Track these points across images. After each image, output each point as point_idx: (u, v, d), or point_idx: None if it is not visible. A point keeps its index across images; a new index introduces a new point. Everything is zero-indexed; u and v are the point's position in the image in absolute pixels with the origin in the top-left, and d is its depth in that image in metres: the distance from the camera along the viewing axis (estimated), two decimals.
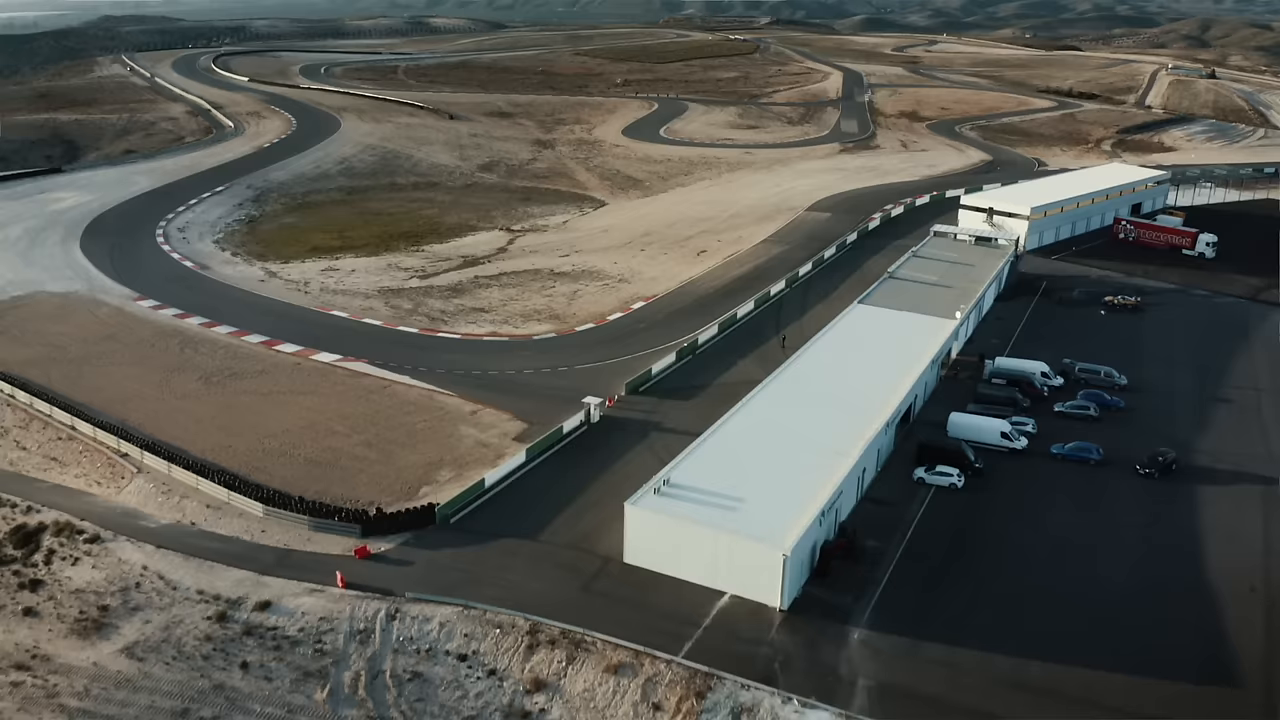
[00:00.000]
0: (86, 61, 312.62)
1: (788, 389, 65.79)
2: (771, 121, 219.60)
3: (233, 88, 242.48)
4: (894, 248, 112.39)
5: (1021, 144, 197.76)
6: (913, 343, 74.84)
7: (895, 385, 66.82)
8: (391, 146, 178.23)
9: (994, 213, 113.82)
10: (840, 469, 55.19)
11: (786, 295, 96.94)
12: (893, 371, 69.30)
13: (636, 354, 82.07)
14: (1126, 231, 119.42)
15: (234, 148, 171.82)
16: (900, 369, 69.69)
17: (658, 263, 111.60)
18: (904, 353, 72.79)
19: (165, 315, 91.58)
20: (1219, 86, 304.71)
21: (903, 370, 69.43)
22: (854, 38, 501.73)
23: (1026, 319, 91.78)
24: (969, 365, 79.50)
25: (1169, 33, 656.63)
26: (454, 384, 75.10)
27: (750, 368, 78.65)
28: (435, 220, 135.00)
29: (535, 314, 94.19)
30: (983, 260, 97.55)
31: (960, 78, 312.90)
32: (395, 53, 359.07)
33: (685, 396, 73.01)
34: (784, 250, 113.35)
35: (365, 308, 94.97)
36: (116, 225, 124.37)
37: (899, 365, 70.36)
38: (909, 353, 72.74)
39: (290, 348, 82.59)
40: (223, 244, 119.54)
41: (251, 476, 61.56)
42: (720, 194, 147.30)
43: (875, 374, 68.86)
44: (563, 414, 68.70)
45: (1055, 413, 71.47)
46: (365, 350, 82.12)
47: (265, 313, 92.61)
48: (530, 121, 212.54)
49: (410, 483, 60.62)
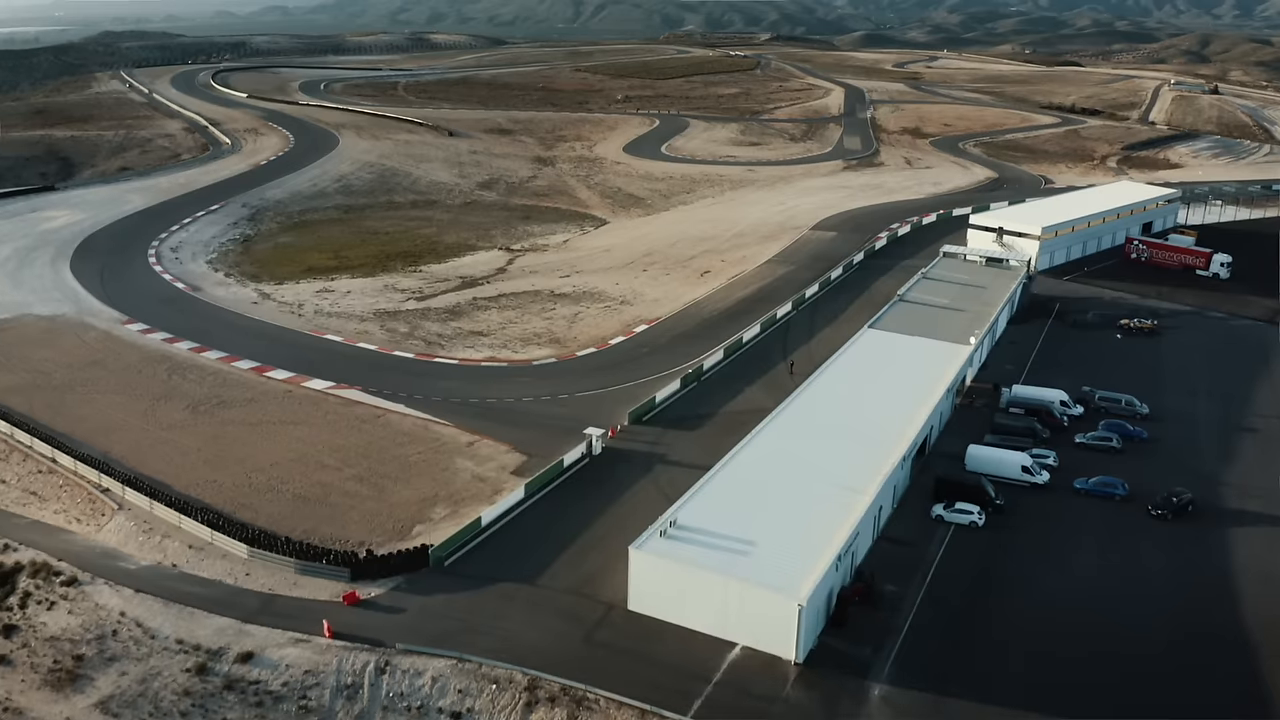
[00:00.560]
0: (85, 77, 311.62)
1: (798, 420, 63.05)
2: (774, 138, 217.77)
3: (231, 104, 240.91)
4: (902, 268, 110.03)
5: (1026, 161, 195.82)
6: (926, 370, 72.15)
7: (911, 416, 64.08)
8: (390, 164, 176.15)
9: (1004, 233, 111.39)
10: (856, 508, 52.36)
11: (793, 318, 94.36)
12: (907, 401, 66.56)
13: (639, 380, 79.37)
14: (1139, 251, 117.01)
15: (230, 165, 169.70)
16: (915, 398, 66.96)
17: (660, 284, 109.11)
18: (918, 380, 70.09)
19: (154, 340, 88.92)
20: (1222, 102, 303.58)
21: (918, 400, 66.70)
22: (854, 54, 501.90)
23: (1041, 343, 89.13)
24: (984, 393, 76.77)
25: (1168, 48, 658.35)
26: (450, 413, 72.34)
27: (758, 395, 75.97)
28: (433, 239, 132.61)
29: (535, 338, 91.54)
30: (994, 282, 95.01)
31: (962, 94, 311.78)
32: (395, 69, 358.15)
33: (691, 426, 70.25)
34: (789, 271, 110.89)
35: (360, 331, 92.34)
36: (108, 245, 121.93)
37: (913, 394, 67.63)
38: (923, 381, 70.04)
39: (281, 374, 79.88)
40: (216, 264, 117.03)
41: (237, 514, 58.72)
42: (723, 212, 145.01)
43: (889, 403, 66.13)
44: (563, 445, 65.95)
45: (1076, 444, 68.70)
46: (359, 377, 79.42)
47: (257, 337, 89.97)
48: (530, 138, 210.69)
49: (403, 521, 57.77)
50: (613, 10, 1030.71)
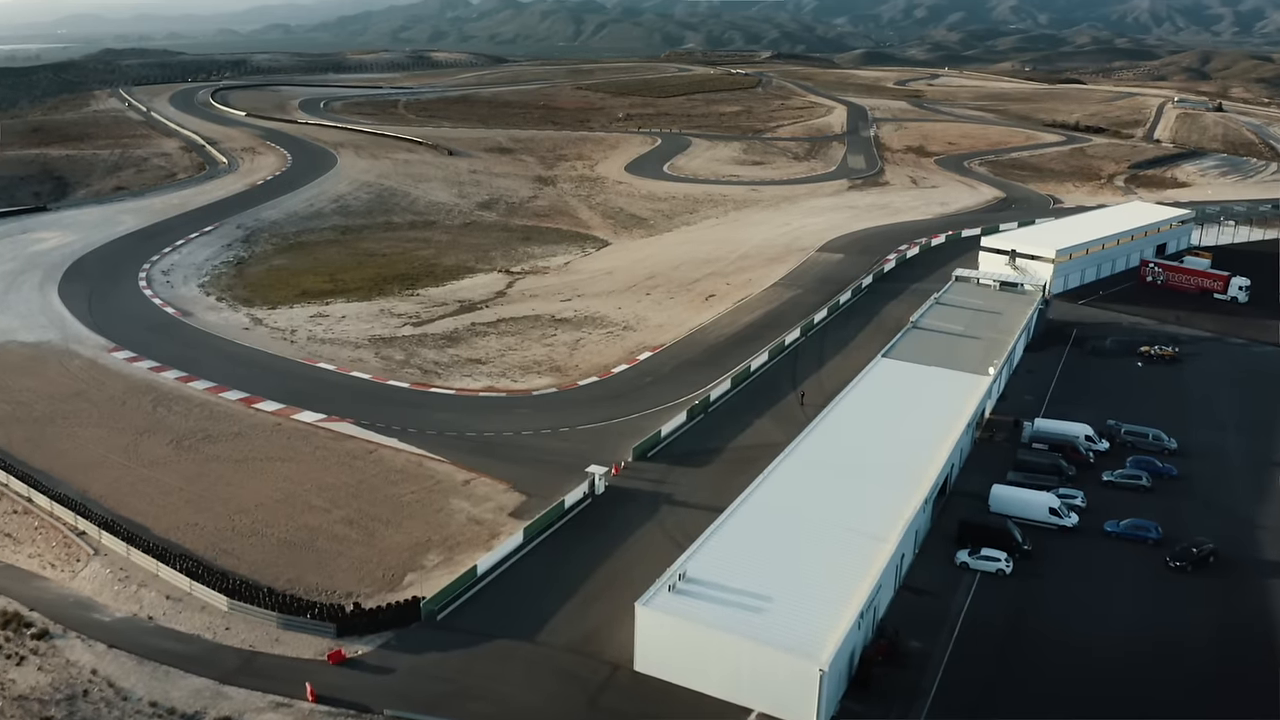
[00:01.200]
0: (83, 95, 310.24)
1: (812, 459, 59.77)
2: (777, 157, 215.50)
3: (229, 122, 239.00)
4: (912, 292, 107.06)
5: (1033, 180, 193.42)
6: (945, 402, 68.95)
7: (931, 454, 60.82)
8: (388, 184, 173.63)
9: (1017, 255, 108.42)
10: (878, 558, 49.02)
11: (802, 345, 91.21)
12: (926, 437, 63.33)
13: (643, 412, 76.18)
14: (1154, 274, 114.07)
15: (226, 185, 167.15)
16: (934, 434, 63.72)
17: (664, 308, 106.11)
18: (936, 414, 66.87)
19: (140, 368, 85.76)
20: (1227, 120, 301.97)
21: (937, 435, 63.46)
22: (855, 71, 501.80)
23: (1060, 372, 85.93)
24: (1004, 426, 73.49)
25: (1169, 65, 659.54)
26: (446, 448, 69.09)
27: (767, 428, 72.76)
28: (431, 261, 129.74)
29: (535, 366, 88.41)
30: (1010, 307, 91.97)
31: (965, 111, 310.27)
32: (396, 87, 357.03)
33: (698, 463, 66.97)
34: (796, 294, 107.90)
35: (354, 359, 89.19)
36: (98, 268, 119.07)
37: (932, 429, 64.40)
38: (942, 414, 66.81)
39: (270, 406, 76.66)
40: (208, 288, 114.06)
41: (217, 561, 55.36)
42: (727, 233, 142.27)
43: (907, 440, 62.89)
44: (564, 484, 62.68)
45: (1104, 482, 65.40)
46: (351, 408, 76.21)
47: (247, 365, 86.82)
48: (531, 157, 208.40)
49: (394, 568, 54.38)
50: (613, 29, 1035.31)
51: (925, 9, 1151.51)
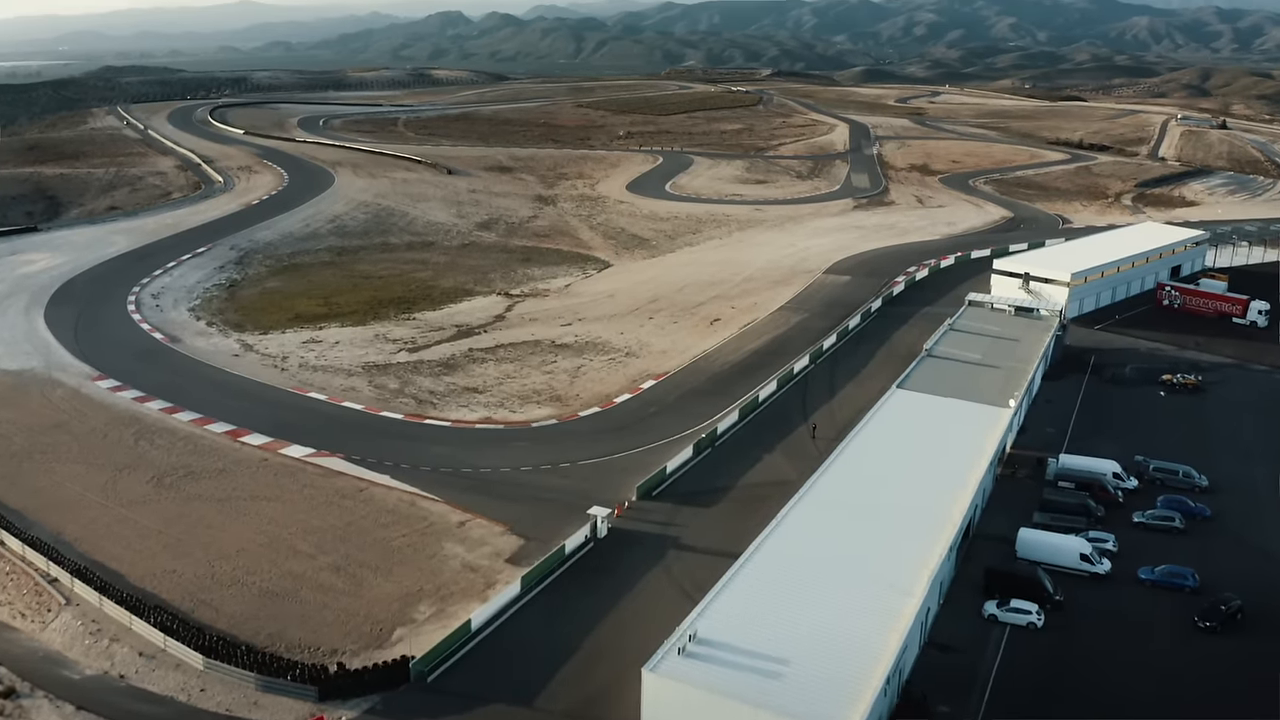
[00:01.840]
0: (81, 113, 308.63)
1: (828, 500, 56.38)
2: (780, 175, 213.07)
3: (226, 141, 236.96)
4: (923, 316, 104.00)
5: (1039, 199, 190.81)
6: (965, 437, 65.66)
7: (953, 494, 57.47)
8: (386, 203, 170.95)
9: (1030, 279, 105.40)
10: (903, 614, 45.56)
11: (812, 373, 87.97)
12: (948, 475, 59.98)
13: (647, 445, 72.88)
14: (1171, 298, 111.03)
15: (221, 205, 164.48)
16: (956, 472, 60.37)
17: (667, 333, 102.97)
18: (957, 450, 63.58)
19: (124, 398, 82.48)
20: (1232, 137, 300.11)
21: (959, 474, 60.10)
22: (856, 89, 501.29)
23: (1080, 402, 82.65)
24: (1027, 462, 70.11)
25: (1169, 82, 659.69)
26: (440, 485, 65.74)
27: (778, 463, 69.45)
28: (429, 284, 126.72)
29: (534, 395, 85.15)
30: (1026, 334, 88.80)
31: (967, 129, 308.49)
32: (396, 105, 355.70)
33: (706, 502, 63.59)
34: (804, 319, 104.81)
35: (346, 388, 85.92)
36: (86, 291, 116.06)
37: (953, 467, 61.06)
38: (963, 450, 63.52)
39: (257, 439, 73.34)
40: (198, 312, 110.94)
41: (195, 613, 51.88)
42: (731, 254, 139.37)
43: (927, 479, 59.56)
44: (564, 525, 59.33)
45: (1134, 524, 62.02)
46: (342, 442, 72.89)
47: (235, 395, 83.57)
48: (531, 176, 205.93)
49: (382, 622, 50.87)
50: (614, 46, 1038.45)
51: (924, 27, 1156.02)
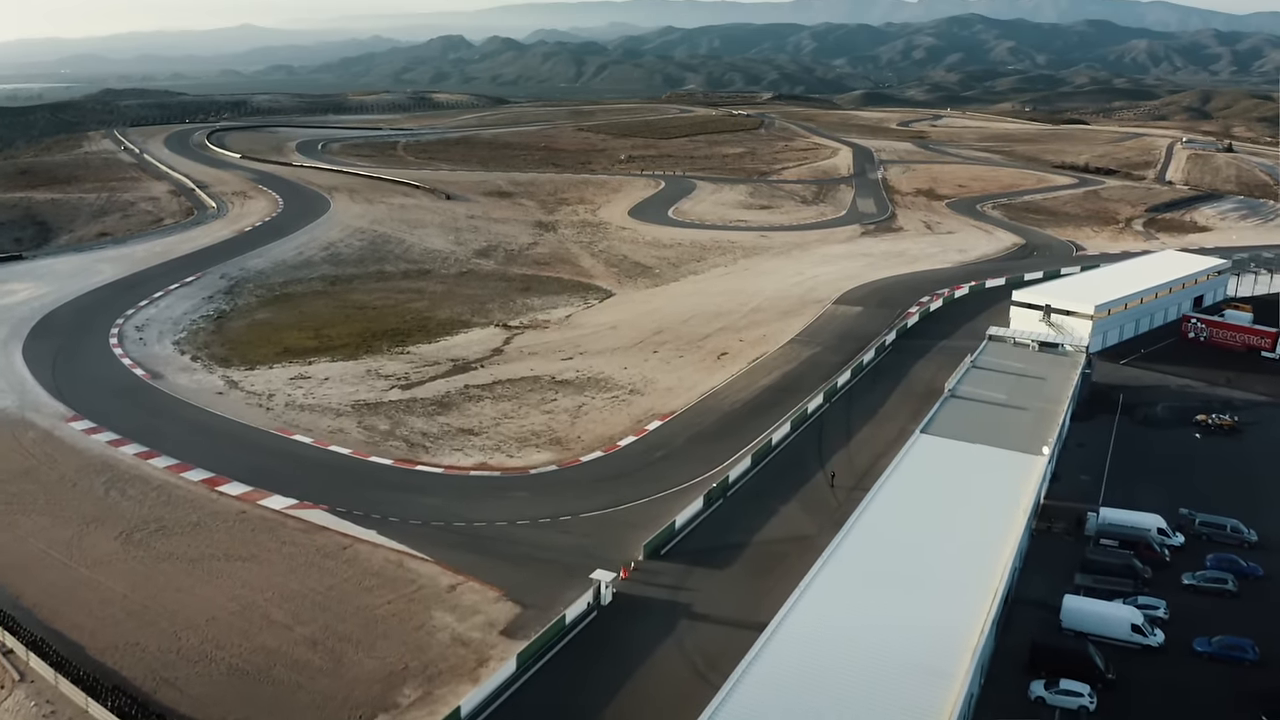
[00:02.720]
0: (77, 136, 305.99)
1: (853, 568, 51.45)
2: (785, 200, 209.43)
3: (222, 165, 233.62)
4: (940, 350, 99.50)
5: (1049, 224, 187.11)
6: (997, 489, 60.86)
7: (990, 556, 52.58)
8: (382, 230, 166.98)
9: (1051, 311, 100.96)
10: (944, 703, 40.58)
11: (826, 413, 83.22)
12: (982, 534, 55.14)
13: (654, 495, 68.06)
14: (1197, 331, 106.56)
15: (213, 231, 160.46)
16: (990, 530, 55.52)
17: (673, 368, 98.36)
18: (989, 505, 58.77)
19: (98, 442, 77.67)
20: (1239, 160, 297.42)
21: (994, 532, 55.25)
22: (858, 112, 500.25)
23: (1113, 446, 77.84)
24: (1062, 514, 65.23)
25: (1169, 104, 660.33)
26: (431, 542, 60.83)
27: (796, 516, 64.58)
28: (424, 315, 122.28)
29: (533, 437, 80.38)
30: (1053, 372, 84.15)
31: (972, 153, 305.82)
32: (396, 128, 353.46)
33: (719, 562, 58.65)
34: (815, 353, 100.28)
35: (334, 430, 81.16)
36: (68, 323, 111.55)
37: (987, 524, 56.23)
38: (996, 505, 58.69)
39: (236, 489, 68.49)
40: (183, 346, 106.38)
41: (157, 694, 46.80)
42: (738, 283, 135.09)
43: (960, 539, 54.72)
44: (565, 590, 54.42)
45: (1184, 586, 57.10)
46: (326, 492, 68.04)
47: (215, 438, 78.81)
48: (531, 201, 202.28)
49: (362, 707, 45.75)
50: (614, 70, 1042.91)
51: (923, 50, 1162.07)
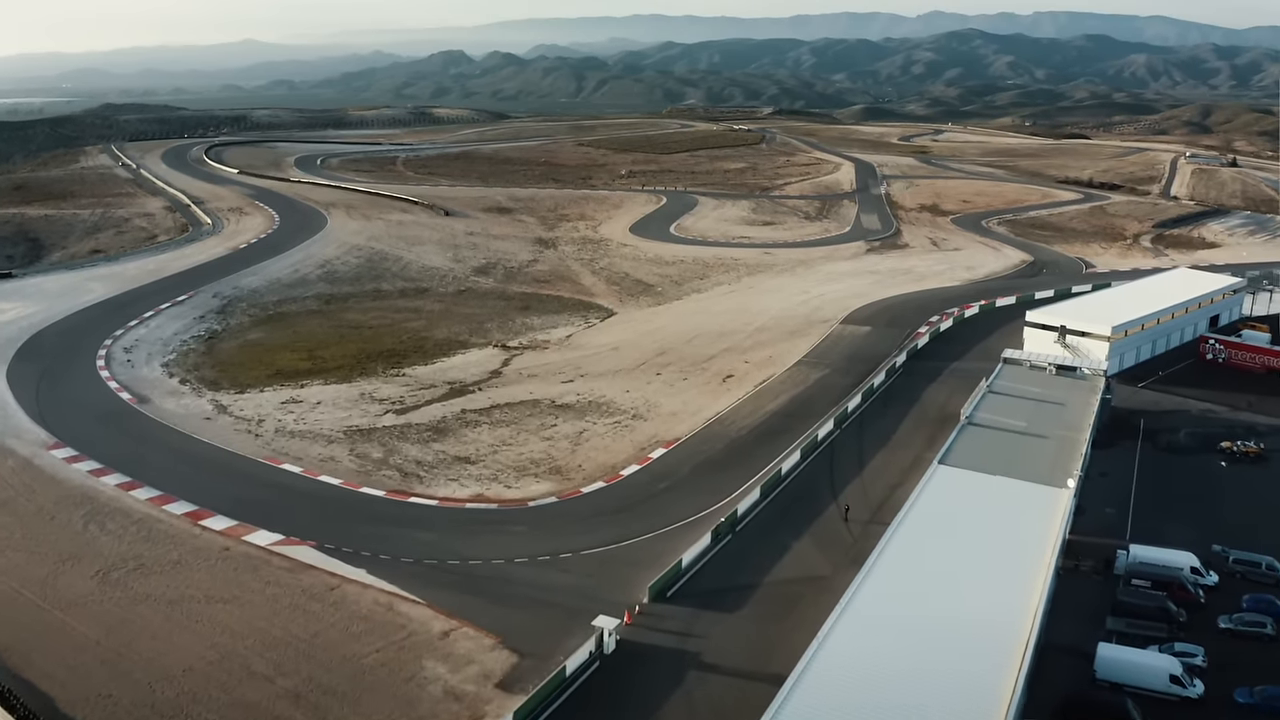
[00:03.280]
0: (74, 151, 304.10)
1: (874, 614, 48.16)
2: (787, 216, 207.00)
3: (219, 181, 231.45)
4: (952, 373, 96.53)
5: (1056, 240, 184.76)
6: (1022, 525, 57.72)
7: (1018, 600, 49.35)
8: (380, 247, 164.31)
9: (1067, 332, 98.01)
10: None
11: (837, 440, 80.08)
12: (1008, 575, 51.96)
13: (659, 530, 64.86)
14: (1215, 352, 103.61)
15: (207, 249, 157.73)
16: (1017, 571, 52.32)
17: (677, 391, 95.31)
18: (1015, 543, 55.61)
19: (79, 471, 74.42)
20: (1244, 175, 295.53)
21: (1021, 573, 52.04)
22: (859, 127, 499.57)
23: (1136, 475, 74.67)
24: (1089, 550, 61.99)
25: (1169, 119, 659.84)
26: (423, 582, 57.57)
27: (809, 553, 61.35)
28: (421, 335, 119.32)
29: (532, 465, 77.23)
30: (1072, 397, 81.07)
31: (975, 168, 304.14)
32: (395, 143, 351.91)
33: (729, 605, 55.34)
34: (824, 375, 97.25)
35: (324, 458, 77.98)
36: (55, 345, 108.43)
37: (1014, 564, 53.03)
38: (1021, 543, 55.52)
39: (220, 523, 65.24)
40: (172, 368, 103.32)
41: None
42: (742, 302, 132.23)
43: (985, 581, 51.53)
44: (565, 636, 51.14)
45: (1220, 629, 53.87)
46: (314, 526, 64.82)
47: (201, 467, 75.63)
48: (531, 218, 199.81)
49: None
50: (615, 85, 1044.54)
51: (922, 65, 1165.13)
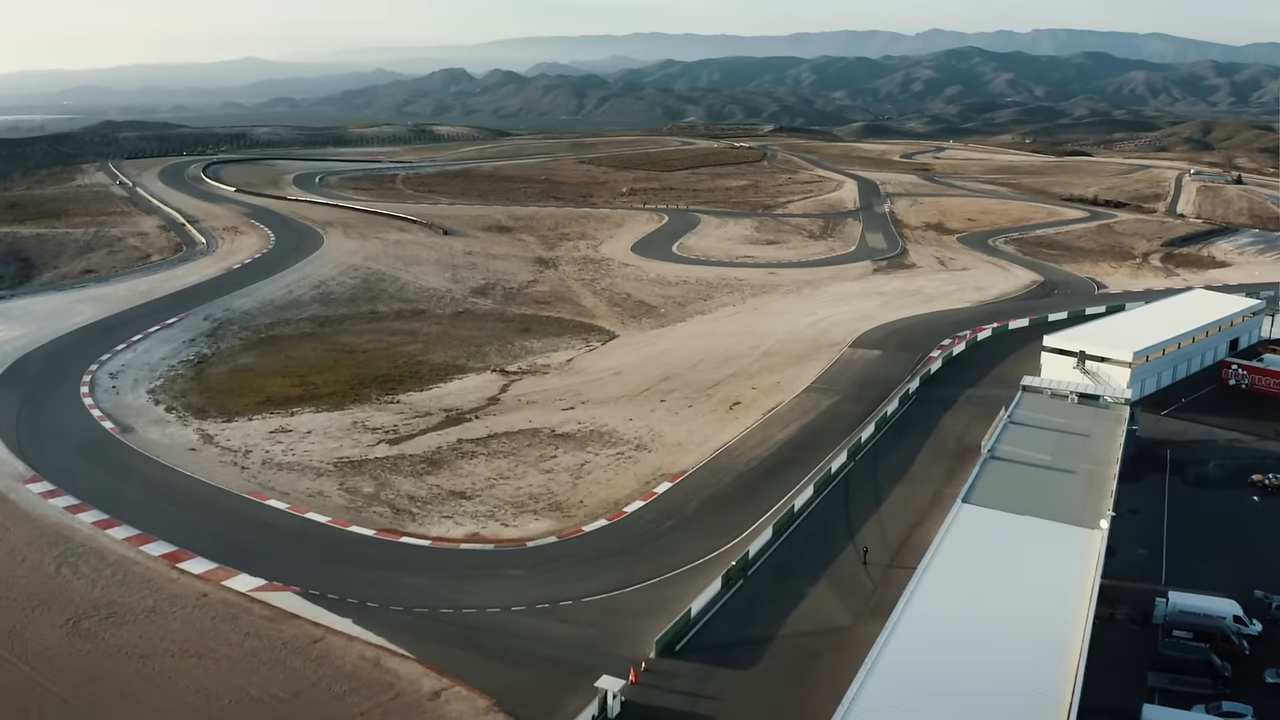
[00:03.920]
0: (71, 169, 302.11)
1: (903, 678, 44.29)
2: (791, 235, 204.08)
3: (215, 199, 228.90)
4: (968, 400, 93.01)
5: (1065, 260, 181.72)
6: (1054, 571, 53.87)
7: (1055, 657, 45.49)
8: (376, 267, 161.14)
9: (1086, 358, 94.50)
10: None
11: (852, 474, 76.33)
12: (1042, 628, 48.08)
13: (666, 574, 61.02)
14: (1238, 377, 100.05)
15: (199, 269, 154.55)
16: (1052, 623, 48.43)
17: (682, 419, 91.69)
18: (1049, 592, 51.69)
19: (55, 507, 70.66)
20: (1250, 193, 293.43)
21: (1057, 626, 48.13)
22: (860, 144, 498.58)
23: (1167, 512, 70.92)
24: (1124, 596, 58.14)
25: (1170, 136, 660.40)
26: (413, 634, 53.67)
27: (827, 601, 57.48)
28: (417, 359, 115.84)
29: (531, 501, 73.49)
30: (1096, 427, 77.30)
31: (978, 185, 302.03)
32: (395, 161, 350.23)
33: (743, 662, 51.40)
34: (834, 403, 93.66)
35: (312, 493, 74.24)
36: (40, 370, 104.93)
37: (1049, 616, 49.12)
38: (1055, 590, 51.63)
39: (200, 565, 61.44)
40: (158, 395, 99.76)
41: None
42: (747, 324, 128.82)
43: (1021, 634, 47.68)
44: (565, 696, 47.31)
45: (1267, 684, 50.02)
46: (299, 568, 61.01)
47: (182, 503, 71.85)
48: (531, 237, 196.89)
49: None
50: (615, 103, 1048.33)
51: (922, 83, 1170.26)
